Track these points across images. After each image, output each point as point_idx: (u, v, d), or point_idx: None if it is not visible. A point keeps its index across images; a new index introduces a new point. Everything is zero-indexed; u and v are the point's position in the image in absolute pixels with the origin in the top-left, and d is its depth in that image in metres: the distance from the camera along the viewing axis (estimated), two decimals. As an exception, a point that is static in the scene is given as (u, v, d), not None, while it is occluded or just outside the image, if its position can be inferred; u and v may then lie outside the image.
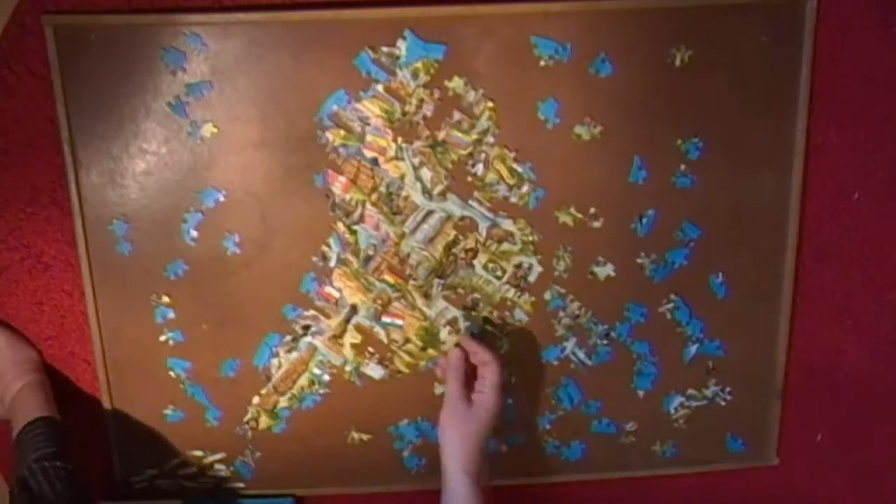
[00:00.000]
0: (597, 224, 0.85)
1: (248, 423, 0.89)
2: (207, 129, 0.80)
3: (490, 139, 0.82)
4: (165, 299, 0.85)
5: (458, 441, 0.77)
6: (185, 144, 0.80)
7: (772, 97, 0.83)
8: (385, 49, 0.78)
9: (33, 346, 0.87)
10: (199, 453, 0.90)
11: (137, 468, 0.91)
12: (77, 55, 0.77)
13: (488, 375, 0.79)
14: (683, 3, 0.79)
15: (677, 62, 0.81)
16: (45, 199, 0.83)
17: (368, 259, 0.85)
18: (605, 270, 0.87)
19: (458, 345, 0.83)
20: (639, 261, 0.87)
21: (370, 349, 0.87)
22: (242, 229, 0.83)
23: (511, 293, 0.86)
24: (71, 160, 0.80)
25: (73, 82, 0.78)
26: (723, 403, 0.93)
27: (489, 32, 0.78)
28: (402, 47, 0.78)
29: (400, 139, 0.81)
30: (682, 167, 0.84)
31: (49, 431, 0.78)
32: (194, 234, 0.83)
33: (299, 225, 0.83)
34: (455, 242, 0.84)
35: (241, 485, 0.92)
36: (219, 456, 0.91)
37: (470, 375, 0.81)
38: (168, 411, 0.88)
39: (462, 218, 0.84)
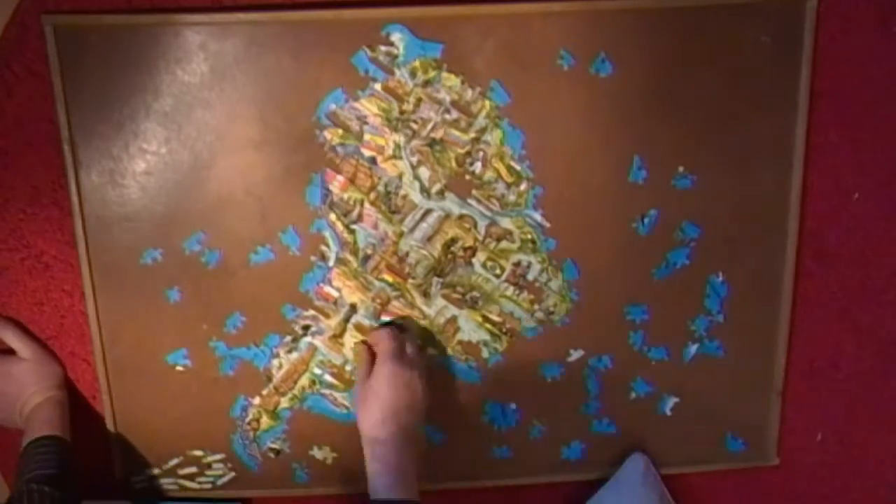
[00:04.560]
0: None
1: (249, 423, 0.89)
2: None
3: (488, 137, 0.82)
4: (165, 299, 0.85)
5: (366, 414, 0.77)
6: (185, 144, 0.80)
7: (772, 97, 0.83)
8: (383, 48, 0.78)
9: (59, 361, 0.87)
10: (199, 453, 0.91)
11: (137, 468, 0.91)
12: (77, 55, 0.77)
13: (379, 343, 0.81)
14: (683, 3, 0.79)
15: (677, 62, 0.81)
16: (45, 199, 0.83)
17: (367, 258, 0.85)
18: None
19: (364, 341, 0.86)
20: (639, 260, 0.87)
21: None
22: (242, 229, 0.83)
23: (510, 291, 0.86)
24: (71, 160, 0.80)
25: (73, 82, 0.78)
26: (723, 403, 0.93)
27: (490, 32, 0.78)
28: (400, 46, 0.78)
29: (398, 138, 0.81)
30: (682, 167, 0.84)
31: (53, 452, 0.78)
32: (195, 234, 0.83)
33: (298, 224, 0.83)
34: (454, 241, 0.84)
35: (240, 486, 0.92)
36: (219, 456, 0.91)
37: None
38: (168, 411, 0.88)
39: (461, 216, 0.84)
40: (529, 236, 0.85)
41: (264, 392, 0.88)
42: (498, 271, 0.86)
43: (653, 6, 0.79)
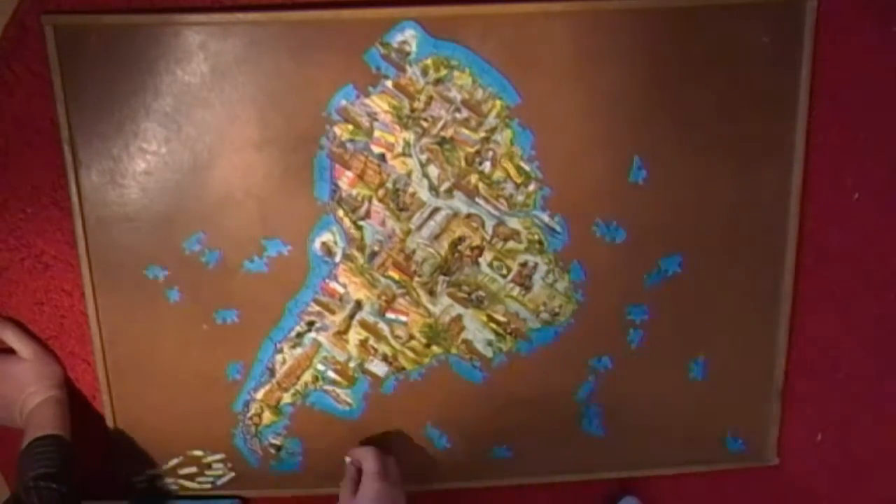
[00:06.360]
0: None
1: (251, 418, 0.89)
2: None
3: (498, 137, 0.82)
4: (165, 299, 0.85)
5: None
6: (185, 144, 0.80)
7: (772, 97, 0.83)
8: (395, 45, 0.78)
9: (59, 361, 0.88)
10: (199, 453, 0.91)
11: (137, 468, 0.91)
12: (77, 55, 0.77)
13: (365, 463, 0.81)
14: (683, 3, 0.79)
15: (677, 62, 0.81)
16: (45, 199, 0.83)
17: (374, 255, 0.85)
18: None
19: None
20: (640, 261, 0.87)
21: (374, 346, 0.87)
22: (242, 229, 0.83)
23: (516, 291, 0.86)
24: (71, 160, 0.80)
25: (73, 82, 0.78)
26: (723, 403, 0.93)
27: (490, 32, 0.79)
28: (412, 44, 0.78)
29: (408, 135, 0.81)
30: (682, 167, 0.84)
31: (55, 451, 0.78)
32: (195, 234, 0.83)
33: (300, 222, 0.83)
34: (461, 240, 0.85)
35: (240, 485, 0.92)
36: (219, 456, 0.91)
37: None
38: (168, 410, 0.88)
39: (468, 215, 0.84)
40: (536, 237, 0.85)
41: (267, 387, 0.88)
42: (504, 271, 0.86)
43: (653, 6, 0.79)
